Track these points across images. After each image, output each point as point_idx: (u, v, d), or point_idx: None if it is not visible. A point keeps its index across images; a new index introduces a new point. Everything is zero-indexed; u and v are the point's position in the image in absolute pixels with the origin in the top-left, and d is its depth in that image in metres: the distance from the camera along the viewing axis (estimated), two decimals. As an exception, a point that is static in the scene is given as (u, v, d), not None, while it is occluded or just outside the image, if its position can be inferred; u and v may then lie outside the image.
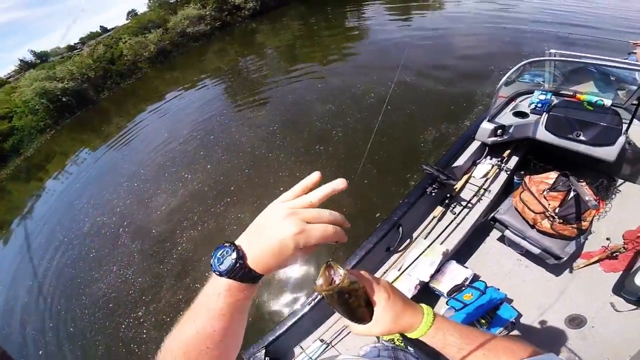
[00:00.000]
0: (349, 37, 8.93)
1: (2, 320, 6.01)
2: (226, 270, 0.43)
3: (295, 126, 6.17)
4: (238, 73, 11.38)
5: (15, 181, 14.72)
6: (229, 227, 4.81)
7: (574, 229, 1.74)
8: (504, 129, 2.25)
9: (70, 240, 6.93)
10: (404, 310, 0.57)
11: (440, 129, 4.56)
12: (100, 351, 4.26)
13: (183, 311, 0.48)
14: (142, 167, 7.89)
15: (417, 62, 6.32)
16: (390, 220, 2.01)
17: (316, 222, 0.45)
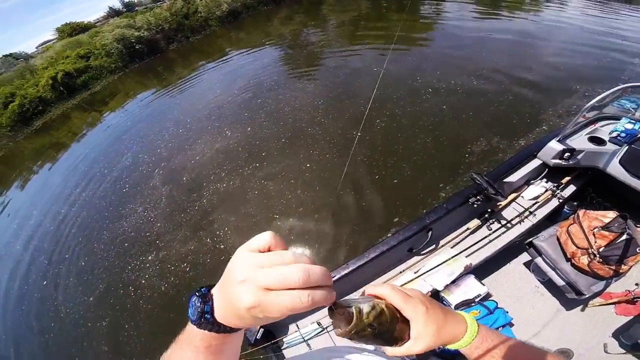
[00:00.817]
0: (419, 26, 8.29)
1: (22, 247, 6.85)
2: (194, 321, 0.42)
3: (339, 106, 5.96)
4: (298, 42, 11.27)
5: (78, 111, 16.52)
6: (251, 191, 4.87)
7: (611, 270, 1.67)
8: (573, 152, 2.03)
9: (109, 172, 7.59)
10: (446, 321, 0.53)
11: (491, 142, 4.12)
12: (99, 289, 4.63)
13: (175, 337, 0.49)
14: (190, 116, 8.29)
15: (491, 64, 5.69)
16: (421, 222, 1.95)
17: (280, 288, 0.36)
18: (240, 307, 0.37)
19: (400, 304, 0.51)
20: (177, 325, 1.50)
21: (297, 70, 8.50)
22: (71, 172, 8.96)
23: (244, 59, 11.65)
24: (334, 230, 3.88)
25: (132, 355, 3.62)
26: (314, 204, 4.28)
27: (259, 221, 4.39)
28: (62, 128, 14.88)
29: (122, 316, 4.08)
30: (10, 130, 17.65)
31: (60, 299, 4.82)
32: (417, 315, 0.51)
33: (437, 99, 5.22)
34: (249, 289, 0.36)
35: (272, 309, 0.36)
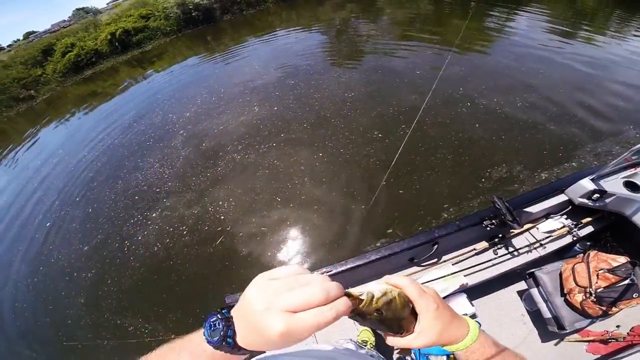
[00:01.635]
0: (482, 35, 7.81)
1: (38, 183, 7.41)
2: (214, 343, 0.43)
3: (369, 103, 5.82)
4: (345, 31, 11.11)
5: (126, 66, 17.60)
6: (262, 169, 4.95)
7: (601, 310, 1.70)
8: (603, 195, 1.93)
9: (138, 125, 8.05)
10: (452, 322, 0.55)
11: (513, 170, 3.88)
12: (97, 239, 4.90)
13: (173, 340, 0.50)
14: (224, 86, 8.54)
15: (544, 89, 5.23)
16: (429, 234, 1.98)
17: (304, 309, 0.38)
18: (271, 335, 0.37)
19: (415, 297, 0.53)
20: (157, 290, 2.68)
21: (336, 59, 8.40)
22: (103, 120, 9.60)
23: (289, 38, 11.74)
24: (328, 226, 3.87)
25: (106, 311, 3.78)
26: (315, 196, 4.28)
27: (261, 200, 4.46)
28: (108, 80, 15.92)
29: (108, 270, 4.30)
30: (62, 76, 19.31)
31: (57, 244, 5.18)
32: (427, 311, 0.53)
33: (473, 115, 4.95)
34: (275, 315, 0.37)
35: (301, 330, 0.37)
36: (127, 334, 3.43)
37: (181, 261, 4.05)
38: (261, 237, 3.98)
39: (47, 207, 6.29)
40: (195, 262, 3.98)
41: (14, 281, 4.77)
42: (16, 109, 18.20)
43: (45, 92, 18.89)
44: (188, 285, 3.76)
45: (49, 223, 5.75)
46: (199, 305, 3.50)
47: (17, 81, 19.46)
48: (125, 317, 3.63)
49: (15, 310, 4.29)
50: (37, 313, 4.14)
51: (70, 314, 3.91)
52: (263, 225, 4.11)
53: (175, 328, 3.34)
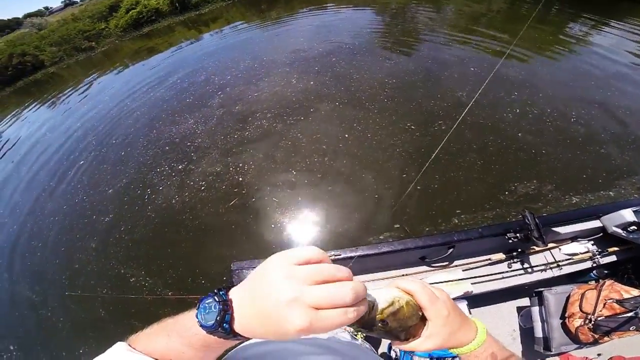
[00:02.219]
0: (556, 41, 7.12)
1: (81, 124, 7.99)
2: (208, 328, 0.40)
3: (409, 92, 5.57)
4: (402, 15, 10.59)
5: (182, 26, 18.47)
6: (285, 140, 5.00)
7: (593, 337, 1.71)
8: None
9: (181, 82, 8.44)
10: (460, 328, 0.55)
11: (543, 188, 3.57)
12: (122, 184, 5.21)
13: (163, 319, 0.48)
14: (267, 55, 8.64)
15: (610, 107, 4.67)
16: (446, 237, 1.98)
17: (330, 307, 0.36)
18: (289, 329, 0.35)
19: (426, 304, 0.52)
20: (164, 244, 3.21)
21: (384, 42, 8.09)
22: (151, 75, 10.18)
23: (340, 14, 11.56)
24: (335, 210, 3.85)
25: (112, 259, 4.01)
26: (331, 176, 4.25)
27: (278, 169, 4.52)
28: (164, 37, 16.84)
29: (124, 217, 4.57)
30: (122, 31, 20.76)
31: (84, 183, 5.61)
32: (437, 318, 0.52)
33: (518, 123, 4.56)
34: (299, 310, 0.35)
35: (322, 328, 0.35)
36: (128, 284, 3.64)
37: (193, 217, 4.23)
38: (271, 208, 4.04)
39: (83, 145, 6.89)
40: (205, 221, 4.13)
41: (36, 217, 5.24)
42: (76, 58, 20.00)
43: (105, 44, 20.56)
44: (193, 243, 3.93)
45: (83, 161, 6.29)
46: (199, 266, 3.64)
47: (82, 33, 21.29)
48: (129, 267, 3.85)
49: (30, 247, 4.68)
50: (49, 253, 4.48)
51: (79, 257, 4.21)
52: (275, 197, 4.17)
53: (173, 285, 3.49)
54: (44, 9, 51.42)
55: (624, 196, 3.47)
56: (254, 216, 4.00)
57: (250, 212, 4.06)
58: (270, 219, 3.92)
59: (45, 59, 20.57)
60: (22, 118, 11.63)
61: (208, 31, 14.80)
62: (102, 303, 3.53)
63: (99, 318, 3.40)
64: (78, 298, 3.68)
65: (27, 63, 20.22)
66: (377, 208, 3.73)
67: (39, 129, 9.29)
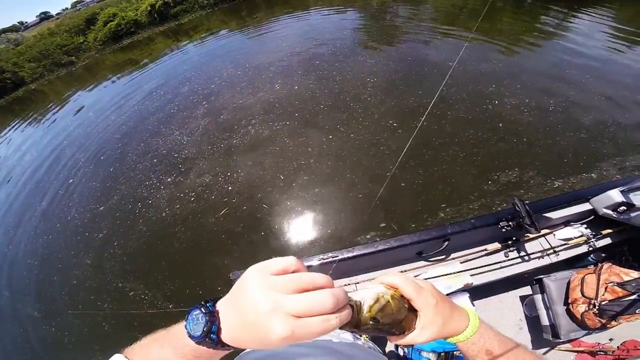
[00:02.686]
0: (531, 34, 7.30)
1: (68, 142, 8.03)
2: (196, 338, 0.42)
3: (391, 90, 5.73)
4: (382, 14, 10.83)
5: (163, 37, 18.49)
6: (272, 146, 5.11)
7: (600, 323, 1.70)
8: (630, 208, 1.88)
9: (165, 94, 8.49)
10: (452, 315, 0.56)
11: (524, 175, 3.71)
12: (113, 200, 5.28)
13: (157, 331, 0.50)
14: (250, 62, 8.72)
15: (586, 95, 4.84)
16: (441, 230, 1.97)
17: (311, 315, 0.37)
18: (272, 338, 0.36)
19: (412, 295, 0.53)
20: (159, 257, 3.37)
21: (365, 42, 8.29)
22: (134, 87, 10.26)
23: (321, 18, 11.71)
24: (324, 212, 3.97)
25: (109, 273, 4.09)
26: (317, 180, 4.37)
27: (266, 175, 4.63)
28: (144, 49, 16.86)
29: (117, 232, 4.64)
30: (102, 44, 20.76)
31: (76, 201, 5.65)
32: (427, 307, 0.53)
33: (498, 114, 4.73)
34: (280, 319, 0.36)
35: (304, 336, 0.36)
36: (127, 298, 3.70)
37: (185, 229, 4.31)
38: (261, 215, 4.13)
39: (72, 163, 6.90)
40: (196, 232, 4.22)
41: (31, 237, 5.28)
42: (56, 73, 19.91)
43: (85, 58, 20.54)
44: (187, 254, 4.01)
45: (72, 180, 6.32)
46: (194, 277, 3.73)
47: (60, 47, 21.21)
48: (127, 280, 3.93)
49: (27, 266, 4.74)
50: (46, 271, 4.54)
51: (76, 274, 4.28)
52: (265, 203, 4.26)
53: (173, 297, 3.57)
54: (19, 23, 50.52)
55: (606, 177, 3.62)
56: (245, 224, 4.09)
57: (240, 221, 4.15)
58: (260, 226, 4.01)
59: (25, 75, 20.31)
60: (6, 138, 11.53)
61: (189, 41, 14.85)
62: (105, 317, 3.60)
63: (102, 332, 3.48)
64: (81, 314, 3.74)
65: (7, 80, 19.96)
66: (363, 207, 3.85)
67: (24, 149, 9.26)
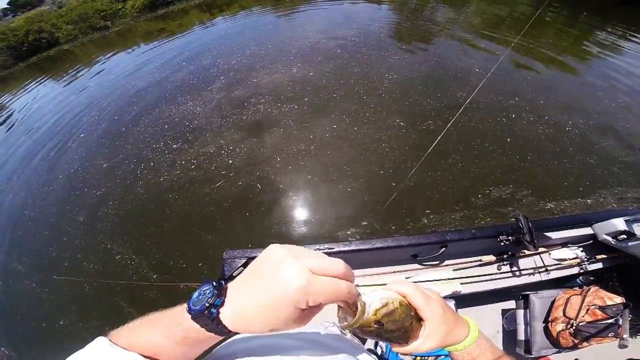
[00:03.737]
0: (570, 53, 7.03)
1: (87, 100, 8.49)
2: (194, 312, 0.41)
3: (408, 91, 5.70)
4: (419, 12, 10.70)
5: (197, 10, 19.13)
6: (277, 127, 5.27)
7: (573, 342, 1.79)
8: (630, 237, 1.94)
9: (187, 65, 8.82)
10: (456, 325, 0.58)
11: (517, 194, 3.67)
12: (117, 158, 5.57)
13: (149, 314, 0.50)
14: (273, 43, 8.95)
15: (612, 118, 4.77)
16: (440, 236, 2.04)
17: (324, 274, 0.40)
18: (289, 288, 0.37)
19: (421, 305, 0.55)
20: (149, 222, 3.67)
21: (394, 38, 8.24)
22: (159, 56, 10.75)
23: (354, 7, 11.75)
24: (312, 201, 4.08)
25: (99, 233, 4.27)
26: (312, 167, 4.47)
27: (265, 154, 4.79)
28: (177, 20, 17.55)
29: (114, 192, 4.88)
30: (138, 12, 21.69)
31: (82, 155, 6.00)
32: (434, 317, 0.55)
33: (509, 128, 4.68)
34: (300, 267, 0.38)
35: (318, 292, 0.38)
36: (114, 261, 3.86)
37: (178, 196, 4.51)
38: (253, 195, 4.26)
39: (87, 119, 7.35)
40: (189, 201, 4.41)
41: (33, 186, 5.63)
42: (90, 37, 20.99)
43: (120, 24, 21.51)
44: (175, 223, 4.17)
45: (83, 134, 6.75)
46: (178, 249, 3.85)
47: (99, 12, 22.27)
48: (115, 243, 4.10)
49: (23, 217, 5.01)
50: (40, 224, 4.77)
51: (67, 230, 4.49)
52: (259, 183, 4.40)
53: (158, 267, 3.68)
54: (65, -15, 52.97)
55: (602, 205, 3.58)
56: (234, 201, 4.23)
57: (231, 197, 4.30)
58: (249, 205, 4.14)
59: (60, 36, 21.54)
60: (31, 91, 12.30)
61: (222, 15, 15.26)
62: (88, 280, 3.73)
63: (83, 293, 3.61)
64: (64, 271, 3.93)
65: (43, 40, 21.20)
66: (349, 201, 3.94)
67: (45, 102, 9.90)
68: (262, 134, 5.22)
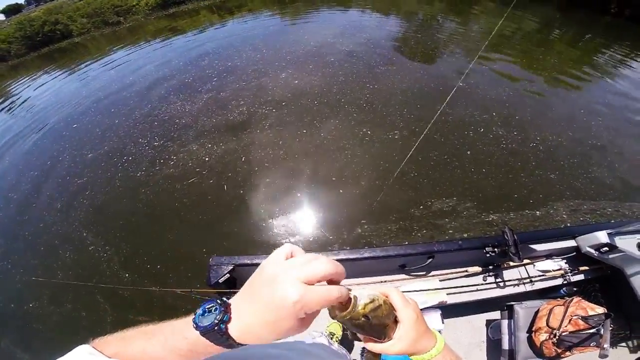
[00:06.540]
0: (582, 73, 7.20)
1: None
2: (203, 328, 0.46)
3: (388, 100, 6.15)
4: (427, 26, 11.10)
5: (207, 10, 20.52)
6: (249, 129, 5.85)
7: (555, 352, 1.89)
8: (612, 250, 2.09)
9: (185, 65, 9.65)
10: (424, 333, 0.64)
11: (458, 206, 3.88)
12: (103, 149, 6.20)
13: (141, 325, 0.52)
14: (269, 48, 9.69)
15: (584, 136, 5.13)
16: (427, 246, 2.18)
17: (317, 280, 0.45)
18: (285, 303, 0.42)
19: (400, 306, 0.62)
20: (119, 214, 4.41)
21: (403, 50, 8.72)
22: (162, 54, 11.79)
23: (360, 18, 12.36)
24: (286, 206, 4.41)
25: (74, 221, 4.75)
26: (282, 171, 4.90)
27: (239, 157, 5.27)
28: (187, 19, 18.96)
29: (94, 182, 5.43)
30: (150, 9, 23.37)
31: (74, 144, 6.71)
32: (408, 320, 0.62)
33: (473, 142, 5.02)
34: (291, 283, 0.43)
35: (313, 301, 0.43)
36: (87, 249, 4.25)
37: (150, 191, 4.98)
38: (220, 194, 4.69)
39: (85, 109, 8.19)
40: (159, 195, 4.88)
41: (20, 170, 6.31)
42: (101, 31, 22.78)
43: (131, 20, 23.12)
44: (145, 218, 4.60)
45: (76, 125, 7.53)
46: (142, 246, 4.20)
47: (113, 8, 24.02)
48: (89, 231, 4.54)
49: (6, 199, 5.61)
50: (20, 208, 5.31)
51: (45, 216, 5.00)
52: (227, 183, 4.85)
53: (127, 264, 3.99)
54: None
55: (551, 216, 3.83)
56: (209, 198, 4.66)
57: (204, 194, 4.73)
58: (211, 204, 4.56)
59: (74, 29, 23.20)
60: (38, 81, 13.55)
61: (231, 18, 16.35)
62: (62, 266, 4.17)
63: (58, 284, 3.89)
64: (38, 254, 4.41)
65: (57, 32, 22.88)
66: (301, 208, 4.36)
67: (48, 92, 11.00)
68: (237, 135, 5.77)
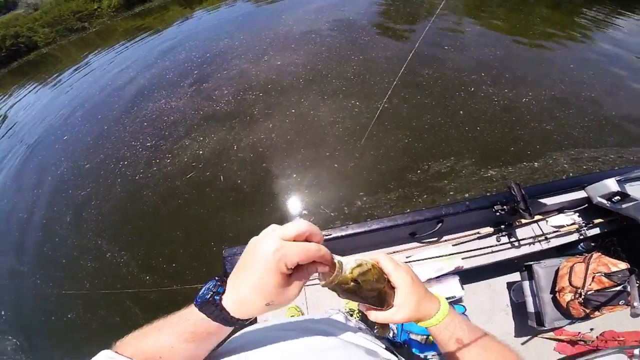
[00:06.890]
0: (563, 32, 7.12)
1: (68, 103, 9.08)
2: (200, 300, 0.48)
3: (370, 68, 6.20)
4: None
5: (176, 4, 19.88)
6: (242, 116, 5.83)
7: (584, 312, 1.84)
8: (624, 198, 2.00)
9: (162, 61, 9.44)
10: (425, 296, 0.62)
11: (457, 165, 3.90)
12: (99, 158, 6.08)
13: (149, 323, 0.53)
14: (244, 34, 9.50)
15: (580, 86, 5.17)
16: (435, 211, 2.10)
17: (292, 235, 0.47)
18: (265, 257, 0.44)
19: (390, 270, 0.61)
20: (127, 219, 4.33)
21: (384, 22, 8.61)
22: (136, 53, 11.54)
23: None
24: (265, 186, 4.50)
25: (87, 231, 4.72)
26: (271, 153, 4.96)
27: (243, 147, 5.25)
28: (156, 16, 18.30)
29: (97, 191, 5.35)
30: (114, 11, 22.56)
31: (68, 156, 6.57)
32: (403, 283, 0.60)
33: (465, 102, 5.05)
34: (271, 239, 0.45)
35: (292, 250, 0.45)
36: (105, 258, 4.25)
37: (152, 192, 4.97)
38: (219, 184, 4.74)
39: (71, 120, 8.01)
40: (161, 195, 4.88)
41: (24, 189, 6.18)
42: (68, 38, 21.98)
43: (97, 24, 22.37)
44: (152, 220, 4.61)
45: (67, 137, 7.35)
46: (155, 246, 4.24)
47: (74, 14, 23.19)
48: (103, 239, 4.53)
49: (18, 220, 5.51)
50: (32, 225, 5.23)
51: (58, 231, 4.95)
52: (223, 174, 4.89)
53: (144, 265, 4.03)
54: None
55: (551, 166, 3.86)
56: (204, 192, 4.68)
57: (200, 188, 4.75)
58: (211, 196, 4.61)
59: (38, 39, 22.34)
60: (15, 97, 13.16)
61: (202, 9, 15.80)
62: (86, 275, 4.17)
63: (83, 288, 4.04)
64: (61, 267, 4.42)
65: (21, 44, 22.04)
66: (294, 189, 4.40)
67: (29, 107, 10.73)
68: (230, 125, 5.74)
